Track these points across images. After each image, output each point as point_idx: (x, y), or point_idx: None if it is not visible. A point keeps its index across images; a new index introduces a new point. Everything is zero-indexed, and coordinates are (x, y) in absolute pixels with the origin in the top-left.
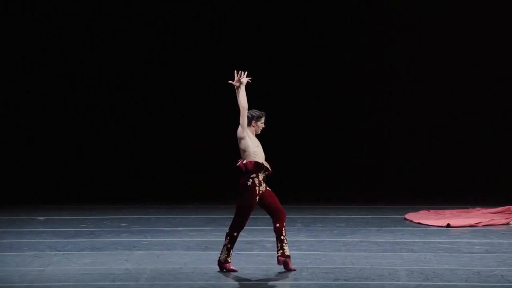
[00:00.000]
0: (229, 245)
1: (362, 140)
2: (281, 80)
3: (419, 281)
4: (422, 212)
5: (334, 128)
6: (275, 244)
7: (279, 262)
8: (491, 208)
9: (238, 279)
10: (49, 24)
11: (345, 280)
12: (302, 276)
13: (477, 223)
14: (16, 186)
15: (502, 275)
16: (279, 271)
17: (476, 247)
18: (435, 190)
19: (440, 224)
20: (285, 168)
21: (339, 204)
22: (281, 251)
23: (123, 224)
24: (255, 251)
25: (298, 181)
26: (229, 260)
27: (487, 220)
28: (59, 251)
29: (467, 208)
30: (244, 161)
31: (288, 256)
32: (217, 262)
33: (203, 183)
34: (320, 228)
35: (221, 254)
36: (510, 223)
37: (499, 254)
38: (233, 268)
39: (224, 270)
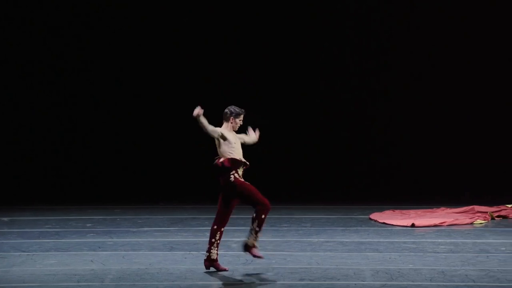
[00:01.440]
0: (214, 241)
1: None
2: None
3: (384, 281)
4: (387, 212)
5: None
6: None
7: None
8: (455, 208)
9: (203, 279)
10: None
11: (310, 280)
12: (268, 276)
13: (441, 223)
14: None
15: (466, 275)
16: (245, 271)
17: (441, 246)
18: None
19: (405, 224)
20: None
21: (306, 204)
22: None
23: (88, 225)
24: (220, 251)
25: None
26: (215, 258)
27: (452, 220)
28: (24, 251)
29: (432, 208)
30: (221, 159)
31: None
32: (203, 261)
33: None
34: (286, 228)
35: (209, 252)
36: (474, 223)
37: (463, 253)
38: (223, 267)
39: (210, 268)
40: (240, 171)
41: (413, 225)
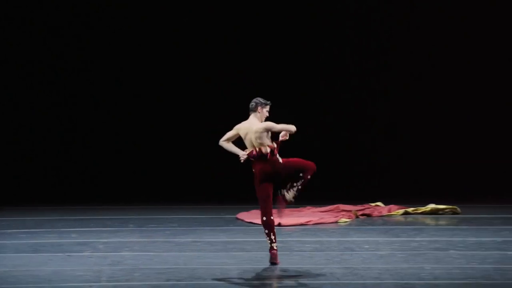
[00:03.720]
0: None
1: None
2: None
3: (251, 280)
4: (254, 211)
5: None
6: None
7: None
8: (321, 207)
9: (69, 281)
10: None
11: (177, 280)
12: (135, 277)
13: (307, 222)
14: None
15: (331, 273)
16: (112, 272)
17: (307, 245)
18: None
19: None
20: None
21: (173, 205)
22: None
23: None
24: (87, 253)
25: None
26: (274, 247)
27: (317, 218)
28: None
29: (298, 207)
30: (258, 149)
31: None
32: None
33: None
34: (153, 228)
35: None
36: (339, 221)
37: (328, 252)
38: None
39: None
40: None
41: (279, 224)
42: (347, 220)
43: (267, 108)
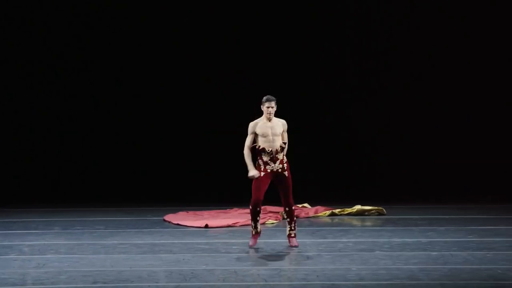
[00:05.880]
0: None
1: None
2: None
3: (178, 282)
4: (180, 213)
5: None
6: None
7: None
8: (248, 208)
9: None
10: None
11: (104, 282)
12: (61, 280)
13: (234, 223)
14: None
15: (258, 274)
16: (37, 275)
17: (234, 247)
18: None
19: (198, 225)
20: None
21: (111, 207)
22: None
23: None
24: (12, 255)
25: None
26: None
27: (244, 220)
28: None
29: (225, 208)
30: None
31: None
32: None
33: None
34: (79, 231)
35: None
36: (266, 222)
37: (255, 253)
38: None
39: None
40: (266, 158)
41: (206, 226)
42: (274, 221)
43: (266, 104)
